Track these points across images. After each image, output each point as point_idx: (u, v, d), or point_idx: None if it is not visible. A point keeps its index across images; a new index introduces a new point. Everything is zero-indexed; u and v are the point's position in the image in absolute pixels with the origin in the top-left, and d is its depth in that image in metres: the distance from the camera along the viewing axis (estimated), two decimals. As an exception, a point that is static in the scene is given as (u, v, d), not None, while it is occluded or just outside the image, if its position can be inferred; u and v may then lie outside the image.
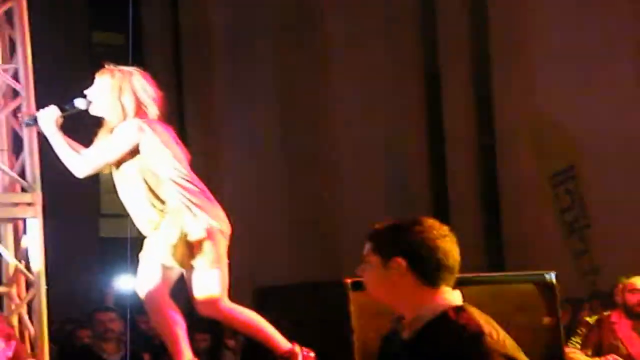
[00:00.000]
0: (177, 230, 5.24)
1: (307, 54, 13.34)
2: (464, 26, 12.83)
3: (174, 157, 5.25)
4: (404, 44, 13.19)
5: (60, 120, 5.37)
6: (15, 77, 6.23)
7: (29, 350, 6.07)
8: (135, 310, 8.48)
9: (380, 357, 3.33)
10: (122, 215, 5.67)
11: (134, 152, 5.24)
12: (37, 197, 6.09)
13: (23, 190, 6.18)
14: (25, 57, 6.20)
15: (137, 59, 5.62)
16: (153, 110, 5.32)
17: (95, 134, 5.39)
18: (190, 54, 13.97)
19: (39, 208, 6.08)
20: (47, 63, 6.95)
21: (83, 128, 5.50)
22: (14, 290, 6.28)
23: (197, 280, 5.28)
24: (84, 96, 5.38)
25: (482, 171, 12.81)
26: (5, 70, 6.25)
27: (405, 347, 3.16)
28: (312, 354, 5.39)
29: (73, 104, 5.34)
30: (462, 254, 3.23)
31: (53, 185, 6.62)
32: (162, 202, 5.26)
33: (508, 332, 3.13)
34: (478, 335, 3.06)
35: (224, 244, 5.30)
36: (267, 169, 13.43)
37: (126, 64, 5.51)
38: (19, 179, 6.16)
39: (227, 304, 5.33)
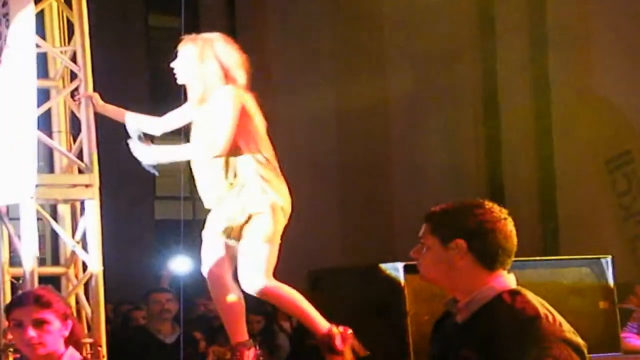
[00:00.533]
0: (239, 206, 5.24)
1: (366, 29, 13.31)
2: (521, 5, 12.71)
3: (256, 128, 5.26)
4: (461, 23, 13.11)
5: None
6: (73, 59, 6.28)
7: (85, 331, 6.14)
8: (191, 292, 8.55)
9: (433, 341, 3.33)
10: (177, 197, 5.72)
11: None
12: (94, 178, 6.14)
13: (80, 171, 6.23)
14: (83, 39, 6.24)
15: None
16: (241, 77, 5.31)
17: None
18: (246, 34, 13.98)
19: (96, 189, 6.13)
20: (104, 45, 7.00)
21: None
22: (71, 271, 6.35)
23: (245, 255, 5.28)
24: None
25: (538, 155, 12.72)
26: (63, 53, 6.30)
27: (459, 330, 3.17)
28: (349, 332, 5.37)
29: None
30: (518, 237, 3.23)
31: (109, 167, 6.68)
32: (235, 175, 5.26)
33: (563, 316, 3.12)
34: (534, 318, 3.05)
35: (282, 222, 5.29)
36: (321, 150, 13.43)
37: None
38: (77, 160, 6.22)
39: (272, 282, 5.33)
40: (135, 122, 5.68)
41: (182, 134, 5.57)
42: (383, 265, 6.11)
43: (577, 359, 3.04)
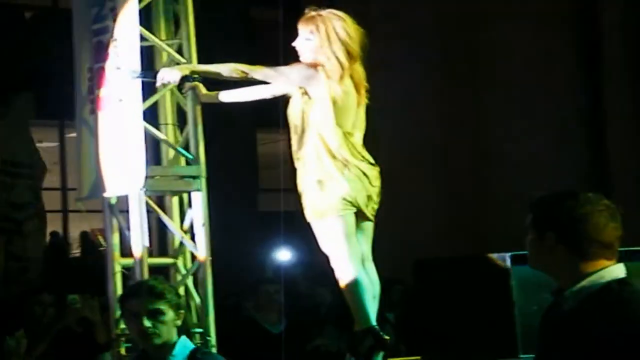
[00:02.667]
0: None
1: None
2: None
3: (333, 113, 5.38)
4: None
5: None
6: (179, 52, 6.34)
7: (194, 321, 6.20)
8: (297, 282, 8.60)
9: (541, 330, 3.30)
10: (280, 189, 5.75)
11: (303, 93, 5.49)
12: (201, 170, 6.20)
13: (187, 163, 6.30)
14: (189, 32, 6.31)
15: (294, 34, 5.68)
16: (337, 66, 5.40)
17: None
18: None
19: (203, 181, 6.19)
20: (207, 38, 7.05)
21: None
22: (180, 262, 6.42)
23: (316, 233, 5.43)
24: None
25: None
26: (170, 46, 6.37)
27: (567, 319, 3.13)
28: (386, 337, 5.36)
29: None
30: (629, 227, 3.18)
31: (214, 160, 6.74)
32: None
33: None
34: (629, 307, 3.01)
35: (335, 196, 5.31)
36: (421, 140, 13.35)
37: (282, 39, 5.58)
38: (184, 152, 6.28)
39: (350, 260, 5.35)
40: (233, 96, 5.88)
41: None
42: (491, 255, 6.06)
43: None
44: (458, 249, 11.71)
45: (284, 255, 12.40)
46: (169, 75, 5.71)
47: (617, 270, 3.15)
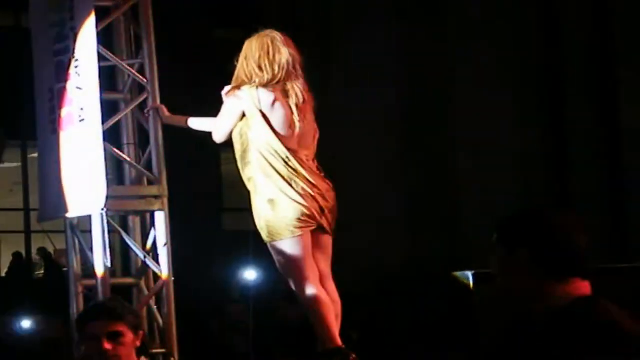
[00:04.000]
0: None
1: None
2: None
3: (267, 125, 5.41)
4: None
5: None
6: (141, 72, 6.33)
7: (157, 342, 6.16)
8: (262, 302, 8.55)
9: (507, 349, 3.29)
10: (244, 209, 5.74)
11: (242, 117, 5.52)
12: (163, 189, 6.18)
13: (150, 183, 6.27)
14: (150, 52, 6.29)
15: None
16: (264, 78, 5.48)
17: None
18: (309, 44, 14.00)
19: (165, 201, 6.17)
20: (170, 58, 7.04)
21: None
22: (142, 282, 6.39)
23: (271, 252, 5.44)
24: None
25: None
26: (131, 66, 6.35)
27: (535, 338, 3.12)
28: (354, 356, 5.35)
29: None
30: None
31: (178, 180, 6.72)
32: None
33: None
34: (612, 323, 3.00)
35: (287, 217, 5.31)
36: (387, 153, 13.38)
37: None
38: (146, 172, 6.26)
39: (310, 281, 5.35)
40: (199, 125, 5.85)
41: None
42: (454, 274, 6.07)
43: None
44: (423, 265, 11.73)
45: (250, 274, 12.35)
46: None
47: (583, 288, 3.13)
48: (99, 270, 5.97)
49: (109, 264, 5.98)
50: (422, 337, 6.06)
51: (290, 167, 5.34)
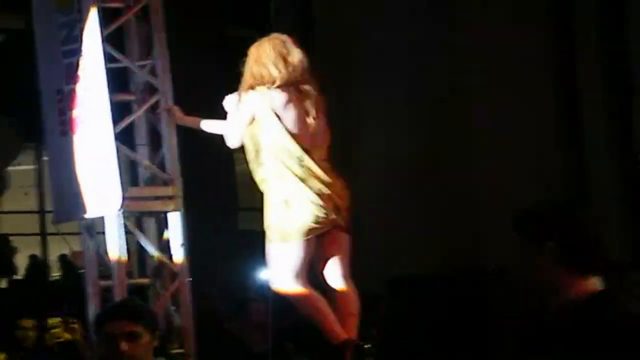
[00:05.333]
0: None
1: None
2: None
3: (282, 126, 5.40)
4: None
5: None
6: (153, 73, 6.33)
7: (175, 342, 6.18)
8: (280, 302, 8.53)
9: (524, 344, 3.28)
10: (259, 208, 5.74)
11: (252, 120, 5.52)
12: (177, 190, 6.19)
13: (164, 184, 6.28)
14: (162, 53, 6.30)
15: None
16: (279, 79, 5.47)
17: None
18: (324, 44, 13.97)
19: (180, 201, 6.18)
20: (183, 59, 7.04)
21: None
22: (158, 283, 6.40)
23: (268, 254, 5.42)
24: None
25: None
26: (143, 67, 6.36)
27: (552, 332, 3.11)
28: (366, 345, 5.34)
29: None
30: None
31: (193, 180, 6.72)
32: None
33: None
34: (632, 319, 2.99)
35: (302, 218, 5.29)
36: (398, 154, 13.35)
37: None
38: (160, 172, 6.27)
39: (299, 283, 5.34)
40: (212, 127, 5.85)
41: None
42: (467, 271, 6.06)
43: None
44: (439, 263, 11.70)
45: (264, 273, 12.35)
46: None
47: (600, 283, 3.13)
48: (115, 271, 5.98)
49: (125, 265, 6.00)
50: (438, 337, 6.04)
51: (305, 166, 5.33)
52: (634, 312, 3.04)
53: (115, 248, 5.97)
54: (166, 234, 6.28)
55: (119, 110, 6.10)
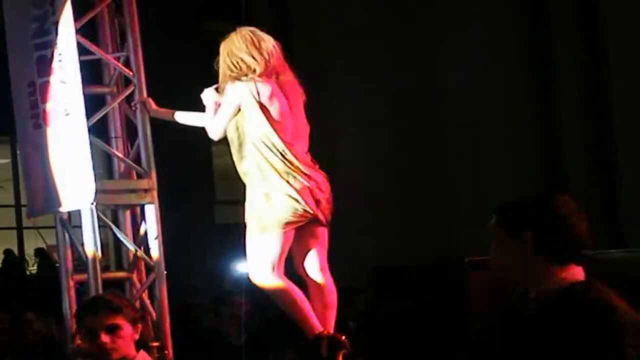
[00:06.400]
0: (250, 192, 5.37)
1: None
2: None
3: (265, 118, 5.34)
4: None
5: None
6: (127, 64, 6.30)
7: (151, 335, 6.15)
8: (257, 295, 8.51)
9: (502, 334, 3.28)
10: (237, 201, 5.73)
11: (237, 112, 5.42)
12: (152, 182, 6.17)
13: (139, 176, 6.25)
14: (135, 44, 6.27)
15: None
16: (258, 68, 5.41)
17: None
18: (299, 36, 13.96)
19: (155, 193, 6.16)
20: (159, 51, 7.01)
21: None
22: (134, 276, 6.37)
23: (247, 246, 5.38)
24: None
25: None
26: (116, 59, 6.33)
27: (531, 322, 3.12)
28: (343, 337, 5.34)
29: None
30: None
31: (169, 173, 6.69)
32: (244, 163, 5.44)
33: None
34: (611, 308, 3.00)
35: (281, 211, 5.27)
36: (378, 146, 13.36)
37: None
38: (135, 165, 6.24)
39: (275, 275, 5.33)
40: (186, 119, 5.85)
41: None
42: (447, 262, 6.07)
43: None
44: (419, 255, 11.73)
45: (243, 267, 12.34)
46: None
47: (579, 273, 3.14)
48: (90, 265, 5.95)
49: (100, 259, 5.96)
50: (416, 328, 6.03)
51: (287, 160, 5.32)
52: (612, 302, 3.04)
53: (91, 242, 5.94)
54: (142, 228, 6.25)
55: (93, 103, 6.06)
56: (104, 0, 6.28)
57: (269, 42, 5.45)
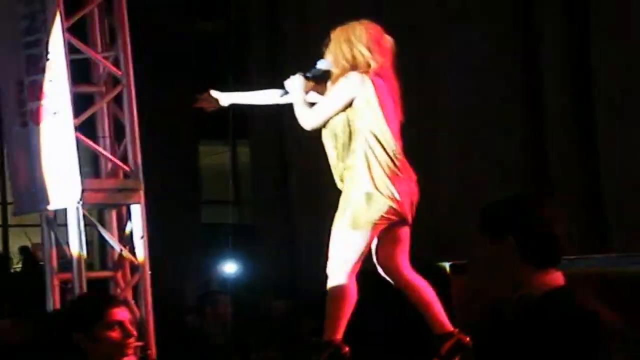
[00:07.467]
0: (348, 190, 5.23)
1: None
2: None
3: (382, 115, 5.18)
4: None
5: (310, 85, 5.37)
6: (116, 64, 6.31)
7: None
8: (242, 295, 8.54)
9: (483, 339, 3.29)
10: (224, 201, 5.73)
11: (349, 104, 5.20)
12: (139, 182, 6.18)
13: (126, 176, 6.26)
14: (125, 44, 6.28)
15: (240, 46, 5.66)
16: (374, 64, 5.22)
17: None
18: (289, 37, 13.96)
19: (141, 193, 6.17)
20: (152, 51, 7.03)
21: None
22: (119, 275, 6.38)
23: (333, 239, 5.23)
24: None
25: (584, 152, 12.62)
26: (106, 58, 6.34)
27: (511, 327, 3.13)
28: (467, 339, 5.22)
29: (315, 66, 5.33)
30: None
31: (156, 173, 6.71)
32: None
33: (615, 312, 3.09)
34: (593, 314, 3.01)
35: (378, 211, 5.15)
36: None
37: (227, 51, 5.55)
38: (122, 164, 6.25)
39: (348, 272, 5.19)
40: (232, 98, 5.62)
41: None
42: (429, 264, 6.08)
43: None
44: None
45: (229, 267, 12.34)
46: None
47: (558, 278, 3.14)
48: (75, 264, 5.96)
49: (85, 257, 5.97)
50: (398, 333, 6.06)
51: (396, 159, 5.17)
52: (593, 307, 3.05)
53: (76, 241, 5.94)
54: (128, 227, 6.26)
55: (82, 102, 6.07)
56: (94, 0, 6.30)
57: (389, 41, 5.28)
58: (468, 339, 5.08)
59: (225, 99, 5.62)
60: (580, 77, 12.53)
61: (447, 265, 5.93)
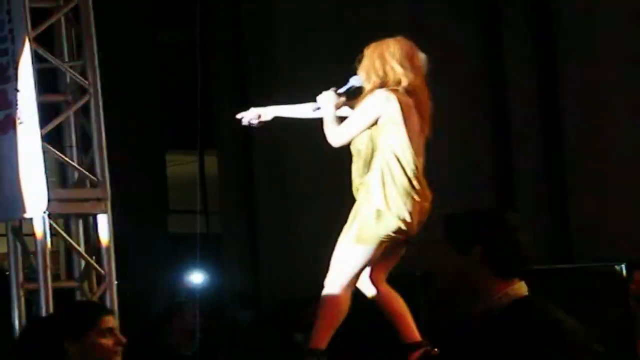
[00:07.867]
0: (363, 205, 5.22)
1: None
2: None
3: (405, 133, 5.16)
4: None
5: (341, 101, 5.36)
6: (82, 74, 6.30)
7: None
8: (208, 305, 8.51)
9: (449, 348, 3.31)
10: (190, 211, 5.73)
11: (375, 122, 5.19)
12: (106, 192, 6.17)
13: (92, 185, 6.25)
14: (91, 54, 6.27)
15: (203, 58, 5.66)
16: (405, 81, 5.22)
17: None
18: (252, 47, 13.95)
19: (108, 203, 6.16)
20: (116, 61, 7.01)
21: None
22: (85, 285, 6.36)
23: (336, 250, 5.23)
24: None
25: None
26: (72, 68, 6.33)
27: (476, 337, 3.14)
28: (435, 350, 5.21)
29: (348, 83, 5.33)
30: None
31: (122, 182, 6.69)
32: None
33: (579, 323, 3.11)
34: (554, 323, 3.03)
35: (386, 229, 5.15)
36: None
37: (191, 62, 5.55)
38: (88, 174, 6.24)
39: (346, 287, 5.21)
40: (273, 112, 5.68)
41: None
42: (397, 275, 6.09)
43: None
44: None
45: (196, 277, 12.32)
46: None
47: (522, 289, 3.16)
48: (41, 274, 5.93)
49: (51, 268, 5.96)
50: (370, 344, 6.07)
51: (414, 178, 5.15)
52: (553, 318, 3.08)
53: (42, 251, 5.92)
54: (94, 237, 6.25)
55: (48, 111, 6.06)
56: (61, 9, 6.28)
57: (422, 58, 5.28)
58: (435, 349, 5.11)
59: (268, 113, 5.66)
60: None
61: (416, 274, 5.94)
